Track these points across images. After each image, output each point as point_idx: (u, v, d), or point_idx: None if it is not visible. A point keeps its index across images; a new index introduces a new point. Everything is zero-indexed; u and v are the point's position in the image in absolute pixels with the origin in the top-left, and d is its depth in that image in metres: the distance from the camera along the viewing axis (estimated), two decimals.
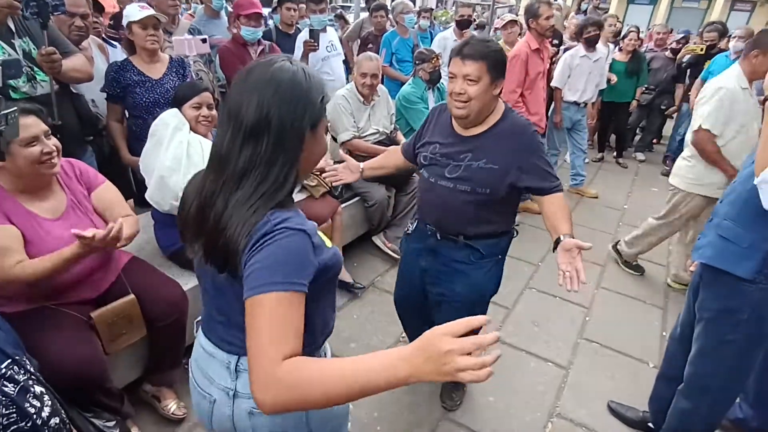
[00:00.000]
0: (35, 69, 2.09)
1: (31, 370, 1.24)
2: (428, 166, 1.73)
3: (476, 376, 0.66)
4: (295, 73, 0.86)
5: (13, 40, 2.01)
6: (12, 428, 1.08)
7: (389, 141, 3.26)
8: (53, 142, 1.57)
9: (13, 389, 1.03)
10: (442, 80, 3.65)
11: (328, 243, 0.97)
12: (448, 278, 1.82)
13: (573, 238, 1.48)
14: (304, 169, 0.92)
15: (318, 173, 2.56)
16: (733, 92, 2.51)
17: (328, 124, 3.16)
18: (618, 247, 3.47)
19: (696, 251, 1.68)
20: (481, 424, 2.07)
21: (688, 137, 2.83)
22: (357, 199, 3.20)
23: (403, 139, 3.38)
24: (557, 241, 1.52)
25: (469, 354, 0.67)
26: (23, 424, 1.05)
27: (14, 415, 1.05)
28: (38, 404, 1.12)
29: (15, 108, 1.36)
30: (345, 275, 2.90)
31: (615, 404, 2.17)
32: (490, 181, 1.61)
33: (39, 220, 1.55)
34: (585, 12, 6.96)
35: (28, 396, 1.07)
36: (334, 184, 1.93)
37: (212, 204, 0.87)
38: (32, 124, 1.51)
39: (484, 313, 2.02)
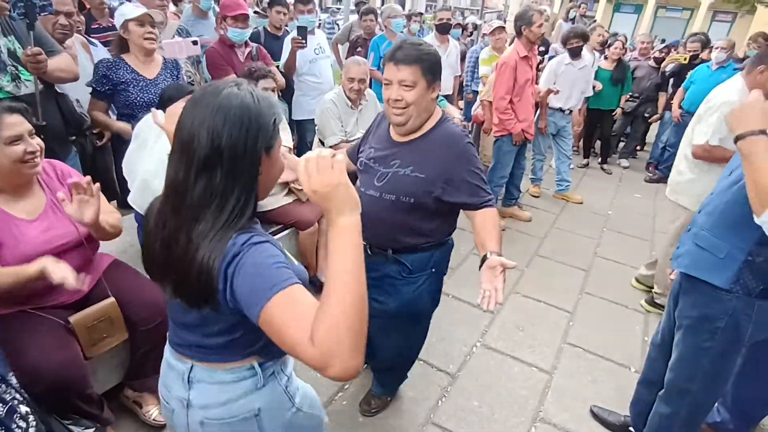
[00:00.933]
0: (20, 68, 2.06)
1: (17, 387, 1.21)
2: (361, 173, 1.68)
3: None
4: (244, 98, 0.85)
5: None
6: None
7: None
8: (37, 142, 1.55)
9: (1, 410, 1.01)
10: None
11: (295, 261, 0.99)
12: (380, 293, 1.73)
13: (500, 255, 1.41)
14: (263, 191, 0.92)
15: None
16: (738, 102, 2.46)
17: (317, 128, 3.16)
18: (646, 280, 3.24)
19: (675, 260, 1.71)
20: (465, 428, 2.08)
21: (685, 151, 2.68)
22: None
23: None
24: (484, 258, 1.44)
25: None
26: None
27: None
28: (24, 425, 1.10)
29: None
30: None
31: (597, 409, 2.20)
32: (413, 190, 1.54)
33: (15, 221, 1.52)
34: (573, 20, 7.04)
35: (14, 417, 1.06)
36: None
37: (176, 240, 0.86)
38: (17, 123, 1.49)
39: (424, 329, 2.00)
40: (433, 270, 1.73)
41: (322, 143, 3.15)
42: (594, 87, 4.89)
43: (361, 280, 0.77)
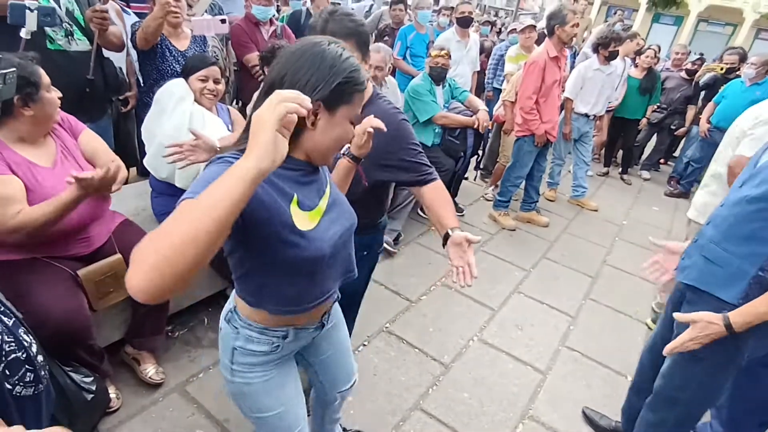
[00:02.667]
0: (74, 27, 2.21)
1: (15, 312, 1.29)
2: None
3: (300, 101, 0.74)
4: (326, 49, 0.94)
5: None
6: (12, 356, 1.13)
7: None
8: (58, 92, 1.63)
9: (8, 321, 1.07)
10: (451, 77, 3.68)
11: (309, 225, 1.01)
12: None
13: (460, 231, 1.39)
14: (314, 148, 1.00)
15: None
16: None
17: None
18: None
19: (681, 271, 1.67)
20: (452, 417, 2.10)
21: (719, 170, 2.44)
22: None
23: None
24: (446, 237, 1.42)
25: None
26: (20, 354, 1.09)
27: (13, 344, 1.09)
28: (28, 339, 1.16)
29: (13, 69, 1.40)
30: None
31: (589, 411, 2.19)
32: None
33: (37, 168, 1.58)
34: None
35: (20, 330, 1.11)
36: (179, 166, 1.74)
37: None
38: (45, 73, 1.56)
39: (355, 314, 1.97)
40: (365, 253, 1.68)
41: None
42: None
43: (205, 222, 0.69)
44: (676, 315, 1.51)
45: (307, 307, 1.11)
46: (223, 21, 2.77)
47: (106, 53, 2.51)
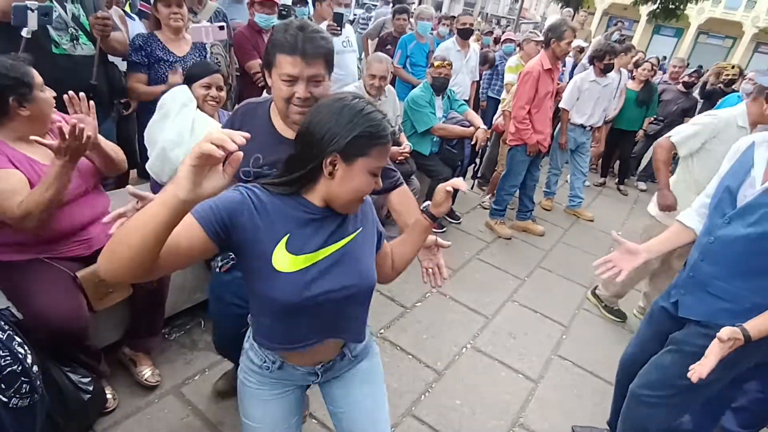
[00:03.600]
0: (80, 32, 2.26)
1: (12, 321, 1.31)
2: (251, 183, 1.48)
3: (221, 140, 0.75)
4: (347, 104, 1.01)
5: (65, 3, 2.20)
6: (7, 370, 1.15)
7: (392, 141, 3.31)
8: (52, 91, 1.65)
9: (2, 335, 1.09)
10: (451, 87, 3.72)
11: (288, 267, 1.03)
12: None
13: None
14: (334, 196, 1.06)
15: None
16: (725, 123, 2.45)
17: None
18: (597, 291, 3.29)
19: (683, 308, 1.65)
20: (444, 424, 2.13)
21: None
22: None
23: (405, 141, 3.44)
24: None
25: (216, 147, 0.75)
26: (16, 367, 1.11)
27: (8, 357, 1.11)
28: (23, 351, 1.18)
29: None
30: None
31: (579, 428, 2.21)
32: None
33: (39, 165, 1.61)
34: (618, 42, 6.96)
35: (13, 343, 1.13)
36: None
37: None
38: (37, 73, 1.59)
39: None
40: None
41: None
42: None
43: (134, 237, 0.79)
44: (720, 337, 1.41)
45: (280, 346, 1.14)
46: (221, 28, 2.80)
47: (111, 57, 2.55)
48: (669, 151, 2.65)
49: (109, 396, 1.86)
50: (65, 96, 1.64)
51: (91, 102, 1.66)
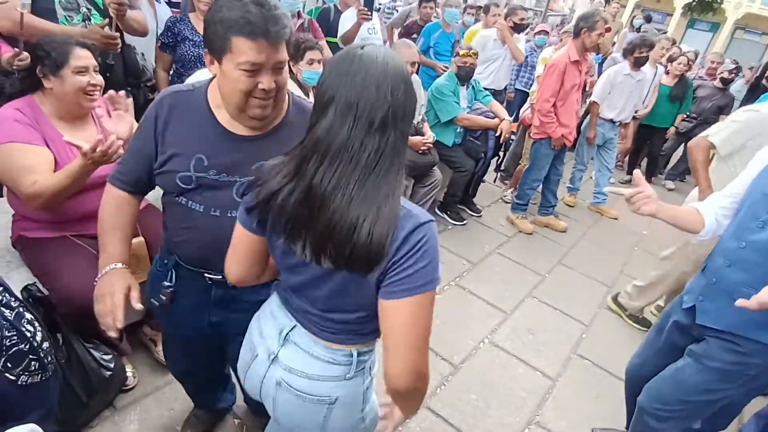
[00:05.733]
0: (93, 12, 2.23)
1: (20, 297, 1.32)
2: (192, 191, 1.15)
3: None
4: (398, 64, 0.83)
5: None
6: (13, 350, 1.17)
7: (414, 131, 3.27)
8: (100, 79, 1.68)
9: (10, 314, 1.10)
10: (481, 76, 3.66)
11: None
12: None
13: None
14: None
15: None
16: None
17: None
18: (619, 299, 3.13)
19: (702, 314, 1.57)
20: (458, 418, 2.11)
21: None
22: None
23: (428, 131, 3.39)
24: None
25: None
26: (23, 345, 1.12)
27: (15, 337, 1.12)
28: (32, 329, 1.19)
29: None
30: None
31: (599, 430, 2.17)
32: None
33: (71, 147, 1.63)
34: (638, 29, 6.76)
35: (22, 321, 1.15)
36: None
37: (330, 199, 0.81)
38: (85, 56, 1.63)
39: None
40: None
41: None
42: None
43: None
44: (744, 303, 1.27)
45: None
46: None
47: (128, 39, 2.52)
48: (707, 151, 2.48)
49: (129, 374, 1.89)
50: (108, 93, 1.65)
51: (129, 99, 1.68)
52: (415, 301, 0.84)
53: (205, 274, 1.24)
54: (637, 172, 1.66)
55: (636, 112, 4.70)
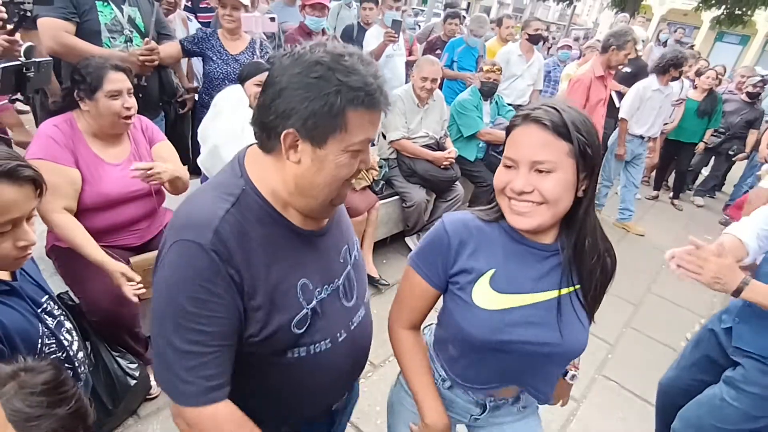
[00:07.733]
0: (134, 34, 2.29)
1: (69, 305, 1.36)
2: (309, 331, 0.88)
3: None
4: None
5: (122, 6, 2.22)
6: (51, 358, 1.20)
7: (437, 146, 3.28)
8: (133, 101, 1.72)
9: (52, 322, 1.13)
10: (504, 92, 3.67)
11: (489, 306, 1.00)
12: None
13: None
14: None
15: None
16: None
17: (381, 121, 3.23)
18: None
19: (739, 339, 1.52)
20: None
21: None
22: (396, 197, 3.24)
23: (451, 146, 3.39)
24: None
25: None
26: (60, 354, 1.15)
27: (54, 345, 1.15)
28: (69, 338, 1.22)
29: (49, 59, 1.51)
30: (372, 270, 2.95)
31: None
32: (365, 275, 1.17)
33: (102, 163, 1.70)
34: (664, 43, 6.66)
35: (62, 330, 1.17)
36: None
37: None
38: (119, 80, 1.67)
39: None
40: None
41: (384, 136, 3.21)
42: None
43: None
44: None
45: (457, 379, 1.11)
46: (272, 19, 2.85)
47: None
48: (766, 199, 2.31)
49: (153, 383, 1.92)
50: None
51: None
52: None
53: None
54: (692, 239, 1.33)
55: (664, 126, 4.62)
